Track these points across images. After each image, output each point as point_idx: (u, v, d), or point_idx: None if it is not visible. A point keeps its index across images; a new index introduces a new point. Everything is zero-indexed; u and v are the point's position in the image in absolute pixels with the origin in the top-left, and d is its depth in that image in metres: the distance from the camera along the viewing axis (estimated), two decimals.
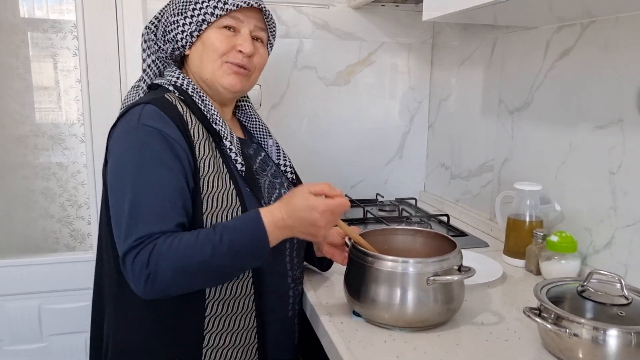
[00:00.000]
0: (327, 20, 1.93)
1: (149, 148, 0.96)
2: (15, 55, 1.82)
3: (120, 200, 0.94)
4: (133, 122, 0.98)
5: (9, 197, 1.90)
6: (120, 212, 0.94)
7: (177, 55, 1.13)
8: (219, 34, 1.07)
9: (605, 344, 0.86)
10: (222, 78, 1.09)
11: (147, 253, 0.89)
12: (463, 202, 1.86)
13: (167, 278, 0.89)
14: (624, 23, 1.16)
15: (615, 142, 1.19)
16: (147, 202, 0.93)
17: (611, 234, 1.21)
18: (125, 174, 0.95)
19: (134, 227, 0.91)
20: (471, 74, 1.79)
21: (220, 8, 1.06)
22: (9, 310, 1.85)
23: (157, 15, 1.15)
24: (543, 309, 0.93)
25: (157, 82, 1.12)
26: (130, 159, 0.96)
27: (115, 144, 1.00)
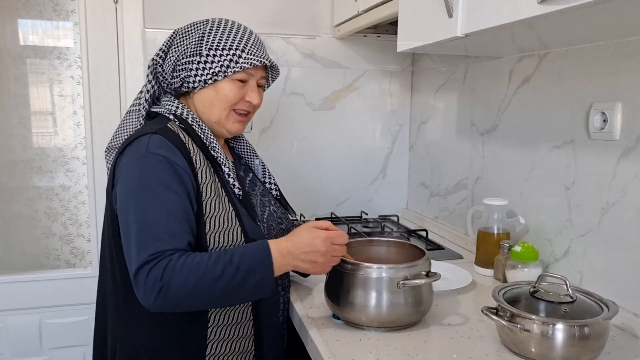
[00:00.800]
0: (314, 50, 2.07)
1: (158, 174, 1.04)
2: (22, 83, 1.95)
3: (132, 220, 1.00)
4: (142, 150, 1.06)
5: (16, 217, 2.01)
6: (132, 231, 1.00)
7: (181, 89, 1.21)
8: (232, 86, 1.17)
9: (552, 337, 0.97)
10: (228, 124, 1.20)
11: (161, 268, 0.96)
12: (441, 218, 1.98)
13: (178, 293, 0.96)
14: (573, 54, 1.30)
15: (568, 161, 1.32)
16: (158, 223, 1.00)
17: (568, 244, 1.33)
18: (136, 197, 1.02)
19: (147, 244, 0.97)
20: (447, 99, 1.93)
21: (238, 64, 1.15)
22: (10, 324, 1.95)
23: (163, 49, 1.21)
24: (500, 309, 1.04)
25: (155, 110, 1.19)
26: (140, 184, 1.03)
27: (125, 170, 1.06)
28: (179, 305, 0.99)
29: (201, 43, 1.16)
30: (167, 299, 0.96)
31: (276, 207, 1.32)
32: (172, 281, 0.95)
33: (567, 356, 0.97)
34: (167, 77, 1.21)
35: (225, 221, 1.11)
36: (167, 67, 1.20)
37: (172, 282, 0.95)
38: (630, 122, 1.14)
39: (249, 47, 1.17)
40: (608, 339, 1.08)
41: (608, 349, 1.05)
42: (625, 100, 1.16)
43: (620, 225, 1.17)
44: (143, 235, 0.99)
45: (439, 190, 2.00)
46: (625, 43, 1.15)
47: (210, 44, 1.15)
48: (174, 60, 1.18)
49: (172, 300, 0.96)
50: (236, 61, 1.15)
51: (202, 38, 1.16)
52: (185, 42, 1.18)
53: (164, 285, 0.95)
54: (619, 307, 1.14)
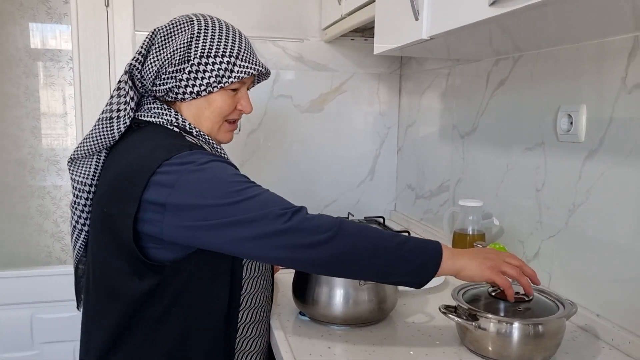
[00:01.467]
0: (302, 53, 2.10)
1: (229, 170, 0.96)
2: (15, 84, 2.00)
3: (240, 211, 0.89)
4: (193, 160, 0.94)
5: (8, 214, 2.06)
6: (245, 218, 0.89)
7: (165, 97, 1.08)
8: (226, 97, 1.08)
9: (507, 335, 0.98)
10: (219, 135, 1.12)
11: (321, 215, 0.93)
12: (426, 220, 1.99)
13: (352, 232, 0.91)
14: (542, 57, 1.32)
15: (539, 163, 1.33)
16: (271, 195, 0.95)
17: (538, 245, 1.34)
18: (225, 194, 0.90)
19: (281, 204, 0.92)
20: (431, 101, 1.94)
21: (233, 73, 1.06)
22: (2, 319, 1.99)
23: (142, 52, 1.07)
24: (458, 307, 1.05)
25: (146, 119, 1.06)
26: (220, 184, 0.92)
27: (189, 186, 0.91)
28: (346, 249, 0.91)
29: (189, 48, 1.04)
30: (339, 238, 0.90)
31: None
32: (344, 223, 0.91)
33: (522, 354, 0.98)
34: (147, 84, 1.07)
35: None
36: (148, 73, 1.06)
37: (344, 223, 0.91)
38: (594, 124, 1.15)
39: (242, 52, 1.08)
40: (567, 339, 1.09)
41: (567, 348, 1.06)
42: (589, 103, 1.17)
43: (585, 227, 1.18)
44: (267, 206, 0.90)
45: (423, 192, 2.01)
46: (588, 46, 1.17)
47: (201, 50, 1.04)
48: (157, 67, 1.05)
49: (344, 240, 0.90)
50: (231, 70, 1.05)
51: (190, 42, 1.04)
52: (171, 47, 1.05)
53: (335, 224, 0.91)
54: (583, 308, 1.16)
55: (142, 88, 1.08)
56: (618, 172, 1.09)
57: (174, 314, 0.99)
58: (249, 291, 1.07)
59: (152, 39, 1.08)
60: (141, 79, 1.07)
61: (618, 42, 1.09)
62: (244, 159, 2.10)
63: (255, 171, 2.11)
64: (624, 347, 1.05)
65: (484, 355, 1.02)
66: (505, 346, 0.99)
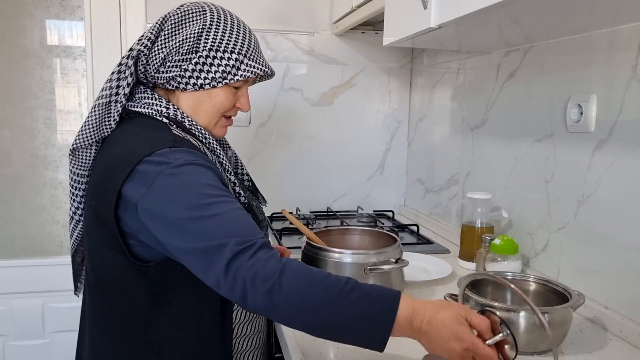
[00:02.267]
0: (312, 46, 2.10)
1: (203, 178, 0.90)
2: (29, 76, 2.03)
3: (199, 228, 0.84)
4: (170, 161, 0.90)
5: (22, 204, 2.09)
6: (202, 237, 0.83)
7: (165, 85, 1.05)
8: (228, 94, 1.06)
9: (512, 324, 0.97)
10: (215, 129, 1.10)
11: (264, 257, 0.80)
12: (435, 214, 1.98)
13: (293, 287, 0.78)
14: (553, 48, 1.31)
15: (548, 154, 1.32)
16: (232, 218, 0.86)
17: (547, 237, 1.33)
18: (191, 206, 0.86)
19: (231, 237, 0.82)
20: (442, 95, 1.94)
21: (240, 71, 1.04)
22: (14, 307, 2.02)
23: (151, 37, 1.04)
24: (464, 296, 1.05)
25: (137, 109, 1.03)
26: (190, 192, 0.88)
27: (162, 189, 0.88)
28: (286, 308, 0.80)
29: (199, 39, 1.02)
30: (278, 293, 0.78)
31: (254, 201, 1.24)
32: (284, 272, 0.79)
33: (527, 343, 0.98)
34: (150, 71, 1.04)
35: None
36: (154, 60, 1.03)
37: (285, 272, 0.79)
38: (604, 114, 1.14)
39: (251, 51, 1.06)
40: (574, 330, 1.08)
41: (573, 339, 1.05)
42: (599, 92, 1.15)
43: (594, 218, 1.17)
44: (220, 234, 0.83)
45: (433, 186, 2.00)
46: (598, 35, 1.15)
47: (211, 43, 1.02)
48: (164, 54, 1.02)
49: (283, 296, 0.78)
50: (238, 67, 1.03)
51: (200, 33, 1.02)
52: (181, 35, 1.03)
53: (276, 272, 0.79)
54: (591, 300, 1.15)
55: (142, 74, 1.05)
56: (627, 162, 1.08)
57: (165, 316, 0.97)
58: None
59: (162, 25, 1.05)
60: (146, 65, 1.04)
61: (628, 31, 1.07)
62: (253, 151, 2.11)
63: (264, 164, 2.12)
64: (632, 339, 1.04)
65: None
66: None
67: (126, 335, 0.99)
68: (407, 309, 0.79)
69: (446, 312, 0.79)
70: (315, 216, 2.02)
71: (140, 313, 0.97)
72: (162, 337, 0.98)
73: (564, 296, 1.04)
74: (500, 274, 1.16)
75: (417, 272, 1.42)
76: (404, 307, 0.79)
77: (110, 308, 1.00)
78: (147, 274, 0.95)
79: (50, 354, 2.07)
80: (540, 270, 1.35)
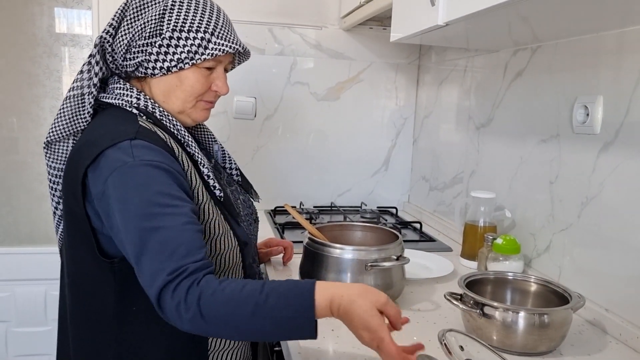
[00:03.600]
0: (320, 41, 2.10)
1: (157, 183, 0.88)
2: (36, 64, 2.03)
3: (141, 239, 0.85)
4: (127, 159, 0.89)
5: (26, 192, 2.10)
6: (144, 250, 0.84)
7: (135, 73, 1.03)
8: (198, 75, 1.02)
9: (512, 324, 0.97)
10: (194, 113, 1.06)
11: (186, 286, 0.81)
12: (439, 212, 1.98)
13: (212, 313, 0.81)
14: (561, 48, 1.30)
15: (554, 155, 1.31)
16: (174, 236, 0.85)
17: (549, 238, 1.32)
18: (139, 213, 0.86)
19: (165, 262, 0.83)
20: (448, 92, 1.93)
21: (207, 50, 1.00)
22: (18, 294, 2.04)
23: (113, 24, 1.01)
24: (464, 295, 1.05)
25: (108, 100, 1.00)
26: (140, 198, 0.87)
27: (115, 187, 0.88)
28: (210, 330, 0.84)
29: (162, 21, 0.98)
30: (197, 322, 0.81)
31: (243, 195, 1.21)
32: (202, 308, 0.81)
33: (526, 344, 0.98)
34: (118, 59, 1.01)
35: (217, 228, 1.00)
36: (119, 47, 1.00)
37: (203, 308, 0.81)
38: (610, 116, 1.13)
39: (219, 29, 1.01)
40: (574, 332, 1.08)
41: (573, 341, 1.05)
42: (606, 94, 1.14)
43: (597, 220, 1.16)
44: (158, 253, 0.84)
45: (437, 184, 2.00)
46: (607, 36, 1.14)
47: (174, 23, 0.98)
48: (128, 39, 0.99)
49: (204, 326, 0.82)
50: (205, 46, 0.99)
51: (162, 15, 0.98)
52: (142, 18, 0.99)
53: (194, 303, 0.81)
54: (592, 302, 1.15)
55: (112, 63, 1.03)
56: (632, 165, 1.07)
57: (134, 313, 0.96)
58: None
59: (124, 11, 1.01)
60: (112, 53, 1.01)
61: (638, 32, 1.06)
62: (258, 144, 2.11)
63: (269, 157, 2.12)
64: (632, 342, 1.04)
65: (487, 344, 1.01)
66: (510, 335, 0.98)
67: (100, 331, 0.98)
68: (324, 299, 0.82)
69: (361, 301, 0.82)
70: (319, 211, 2.02)
71: (110, 310, 0.97)
72: (133, 335, 0.97)
73: (564, 297, 1.03)
74: (502, 273, 1.16)
75: (418, 269, 1.42)
76: (321, 298, 0.82)
77: (83, 305, 0.99)
78: (113, 269, 0.95)
79: (52, 341, 2.07)
80: (541, 271, 1.34)
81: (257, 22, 2.02)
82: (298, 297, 0.82)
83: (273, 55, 2.07)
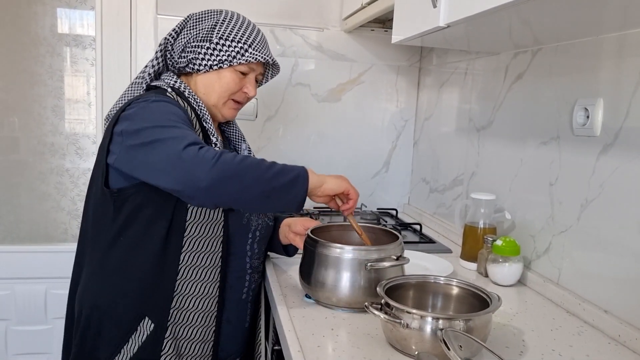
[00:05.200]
0: (321, 42, 2.11)
1: (173, 110, 1.12)
2: (39, 63, 2.04)
3: (164, 131, 1.05)
4: (150, 98, 1.14)
5: (27, 191, 2.11)
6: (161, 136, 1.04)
7: (185, 69, 1.27)
8: (234, 76, 1.26)
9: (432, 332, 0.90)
10: (224, 109, 1.29)
11: (210, 147, 1.03)
12: (439, 214, 1.98)
13: (231, 164, 1.01)
14: (562, 50, 1.30)
15: (554, 157, 1.32)
16: (188, 132, 1.07)
17: (549, 240, 1.33)
18: (160, 119, 1.08)
19: (186, 137, 1.03)
20: (449, 95, 1.93)
21: (243, 57, 1.24)
22: (18, 292, 2.04)
23: (176, 29, 1.28)
24: (384, 304, 0.97)
25: (155, 84, 1.25)
26: (160, 112, 1.10)
27: (135, 114, 1.11)
28: (228, 178, 1.01)
29: (213, 31, 1.24)
30: (220, 165, 1.00)
31: None
32: (224, 154, 1.01)
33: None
34: (175, 56, 1.27)
35: None
36: (177, 47, 1.27)
37: (224, 155, 1.01)
38: (610, 118, 1.14)
39: (256, 43, 1.27)
40: (572, 333, 1.08)
41: (571, 342, 1.05)
42: (606, 96, 1.15)
43: (597, 223, 1.17)
44: (178, 134, 1.04)
45: (437, 186, 2.00)
46: (607, 39, 1.15)
47: (221, 33, 1.24)
48: (185, 42, 1.26)
49: (224, 169, 1.00)
50: (242, 54, 1.24)
51: (214, 26, 1.24)
52: (198, 27, 1.26)
53: (218, 152, 1.01)
54: (591, 304, 1.15)
55: (170, 60, 1.29)
56: (632, 167, 1.07)
57: (120, 243, 1.14)
58: (192, 235, 1.16)
59: (186, 21, 1.29)
60: (171, 51, 1.28)
61: (638, 35, 1.07)
62: (259, 145, 2.11)
63: (270, 158, 2.08)
64: (630, 344, 1.04)
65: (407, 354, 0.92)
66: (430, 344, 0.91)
67: (94, 257, 1.17)
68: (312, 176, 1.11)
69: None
70: (319, 212, 2.02)
71: (104, 235, 1.15)
72: (115, 262, 1.15)
73: (484, 300, 1.00)
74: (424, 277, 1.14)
75: (417, 270, 1.42)
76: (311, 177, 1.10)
77: (87, 231, 1.20)
78: (113, 198, 1.14)
79: (52, 340, 2.09)
80: (541, 273, 1.35)
81: (259, 24, 1.96)
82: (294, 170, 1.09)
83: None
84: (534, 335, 1.08)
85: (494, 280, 1.38)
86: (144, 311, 1.14)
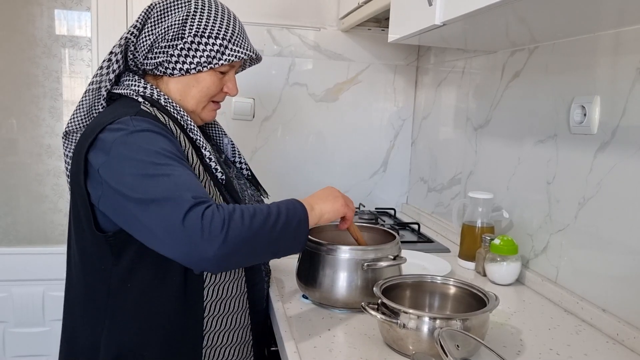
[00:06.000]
0: (318, 42, 2.10)
1: (159, 145, 0.94)
2: (35, 64, 2.04)
3: (151, 186, 0.88)
4: (128, 129, 0.94)
5: (25, 192, 2.10)
6: (155, 194, 0.88)
7: (154, 72, 1.10)
8: (214, 78, 1.11)
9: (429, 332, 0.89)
10: (203, 113, 1.15)
11: (213, 207, 0.87)
12: (437, 213, 1.98)
13: (241, 235, 0.87)
14: (558, 48, 1.30)
15: (551, 155, 1.31)
16: (185, 179, 0.91)
17: (547, 239, 1.32)
18: (145, 168, 0.90)
19: (183, 193, 0.87)
20: (446, 94, 1.93)
21: (224, 56, 1.08)
22: (15, 294, 2.04)
23: (137, 25, 1.08)
24: (381, 304, 0.97)
25: (117, 91, 1.06)
26: (147, 153, 0.92)
27: (118, 152, 0.93)
28: (239, 250, 0.88)
29: (184, 26, 1.05)
30: (230, 240, 0.86)
31: (251, 190, 1.27)
32: (232, 221, 0.87)
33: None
34: (139, 57, 1.09)
35: None
36: (142, 46, 1.08)
37: (232, 222, 0.87)
38: (607, 116, 1.13)
39: (236, 37, 1.10)
40: (570, 332, 1.08)
41: (569, 341, 1.05)
42: (603, 94, 1.15)
43: (594, 221, 1.16)
44: (174, 188, 0.88)
45: (435, 185, 2.00)
46: (603, 36, 1.15)
47: (195, 29, 1.05)
48: (151, 40, 1.06)
49: (235, 242, 0.86)
50: (222, 52, 1.08)
51: (185, 20, 1.06)
52: (166, 22, 1.06)
53: (225, 218, 0.86)
54: (589, 303, 1.15)
55: (132, 61, 1.10)
56: (629, 165, 1.07)
57: (129, 290, 1.00)
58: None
59: (148, 14, 1.09)
60: (134, 52, 1.09)
61: (634, 32, 1.06)
62: (257, 145, 2.11)
63: (267, 158, 2.12)
64: (629, 342, 1.03)
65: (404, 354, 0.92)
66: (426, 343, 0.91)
67: (94, 307, 1.03)
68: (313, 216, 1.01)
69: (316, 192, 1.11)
70: None
71: (108, 285, 1.01)
72: (124, 313, 1.01)
73: (482, 300, 0.99)
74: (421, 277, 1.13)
75: (415, 270, 1.41)
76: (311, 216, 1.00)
77: (82, 280, 1.05)
78: (110, 243, 0.99)
79: (50, 342, 2.08)
80: (539, 272, 1.34)
81: (256, 23, 2.02)
82: (297, 222, 0.97)
83: (271, 56, 2.07)
84: (532, 334, 1.07)
85: (492, 280, 1.38)
86: (174, 357, 1.03)
